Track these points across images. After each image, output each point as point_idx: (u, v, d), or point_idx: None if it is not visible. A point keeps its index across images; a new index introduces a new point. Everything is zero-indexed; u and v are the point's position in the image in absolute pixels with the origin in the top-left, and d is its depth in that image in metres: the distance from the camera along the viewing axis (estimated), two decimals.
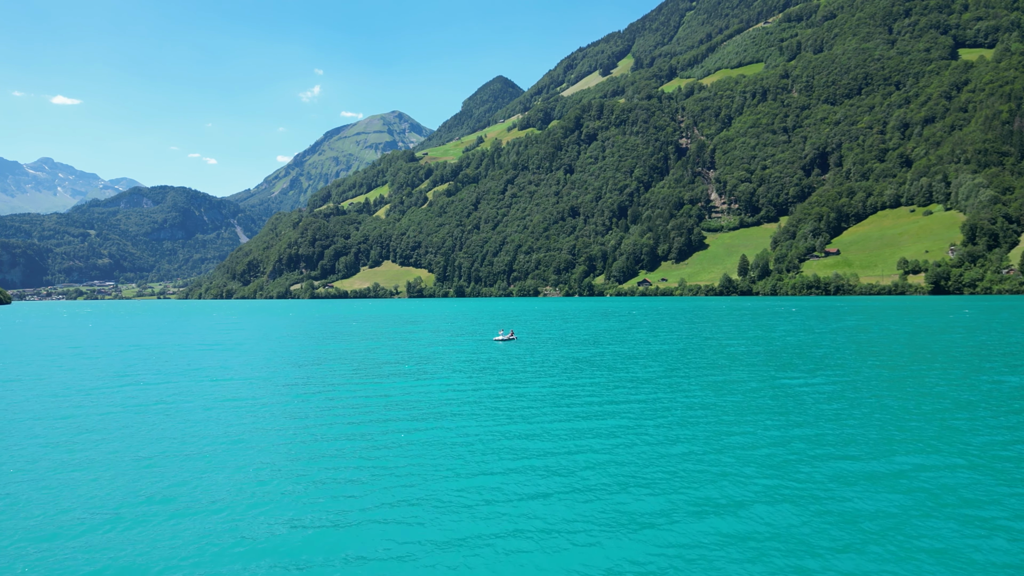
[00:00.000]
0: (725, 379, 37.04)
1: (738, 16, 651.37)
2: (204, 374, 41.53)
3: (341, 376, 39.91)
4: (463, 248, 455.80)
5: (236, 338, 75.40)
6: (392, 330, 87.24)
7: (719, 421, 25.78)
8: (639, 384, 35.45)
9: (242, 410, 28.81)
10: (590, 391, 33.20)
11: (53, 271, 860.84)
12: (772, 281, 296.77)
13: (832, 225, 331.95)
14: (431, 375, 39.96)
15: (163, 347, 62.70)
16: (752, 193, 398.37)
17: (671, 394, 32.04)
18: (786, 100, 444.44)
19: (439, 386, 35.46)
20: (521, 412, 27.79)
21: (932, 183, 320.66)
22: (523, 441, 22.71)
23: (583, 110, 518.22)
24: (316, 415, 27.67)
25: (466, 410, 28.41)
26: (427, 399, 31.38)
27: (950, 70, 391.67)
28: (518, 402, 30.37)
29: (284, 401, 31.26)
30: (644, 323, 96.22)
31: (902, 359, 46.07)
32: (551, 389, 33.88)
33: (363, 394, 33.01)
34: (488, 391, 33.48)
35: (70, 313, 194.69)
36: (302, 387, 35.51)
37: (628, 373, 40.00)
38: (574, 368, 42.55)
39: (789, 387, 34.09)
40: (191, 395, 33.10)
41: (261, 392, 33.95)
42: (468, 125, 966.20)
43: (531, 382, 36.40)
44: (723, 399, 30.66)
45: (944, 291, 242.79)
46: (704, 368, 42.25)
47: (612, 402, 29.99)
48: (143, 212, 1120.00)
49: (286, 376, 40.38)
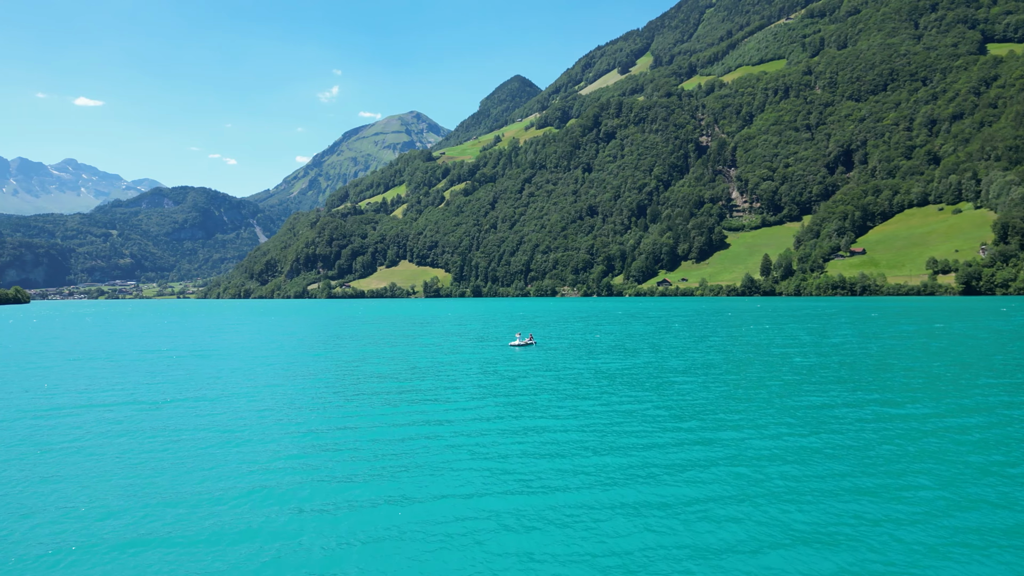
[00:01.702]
0: (807, 404, 29.00)
1: (759, 12, 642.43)
2: (159, 390, 34.40)
3: (320, 395, 32.74)
4: (480, 248, 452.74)
5: (224, 343, 67.58)
6: (400, 333, 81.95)
7: (831, 477, 18.23)
8: (695, 413, 27.21)
9: (171, 450, 21.82)
10: (633, 422, 25.57)
11: (76, 271, 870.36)
12: (796, 281, 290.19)
13: (857, 224, 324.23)
14: (429, 395, 32.39)
15: (125, 355, 54.43)
16: (774, 191, 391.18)
17: (743, 432, 23.67)
18: (809, 97, 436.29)
19: (435, 413, 27.83)
20: (541, 464, 19.90)
21: (961, 181, 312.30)
22: (547, 510, 16.08)
23: (601, 108, 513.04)
24: (270, 452, 21.49)
25: (460, 459, 20.54)
26: (414, 433, 24.12)
27: (979, 65, 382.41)
28: (537, 438, 23.13)
29: (237, 432, 24.27)
30: (675, 326, 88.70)
31: (1009, 375, 38.19)
32: (582, 421, 26.07)
33: (335, 422, 26.06)
34: (497, 421, 26.13)
35: (76, 313, 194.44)
36: (266, 413, 27.91)
37: (677, 395, 31.59)
38: (607, 386, 34.62)
39: (913, 421, 25.40)
40: (116, 424, 25.83)
41: (205, 427, 25.40)
42: (486, 125, 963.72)
43: (554, 408, 28.80)
44: (821, 438, 22.75)
45: (975, 292, 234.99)
46: (774, 387, 33.73)
47: (663, 444, 21.99)
48: (164, 212, 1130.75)
49: (254, 394, 33.16)
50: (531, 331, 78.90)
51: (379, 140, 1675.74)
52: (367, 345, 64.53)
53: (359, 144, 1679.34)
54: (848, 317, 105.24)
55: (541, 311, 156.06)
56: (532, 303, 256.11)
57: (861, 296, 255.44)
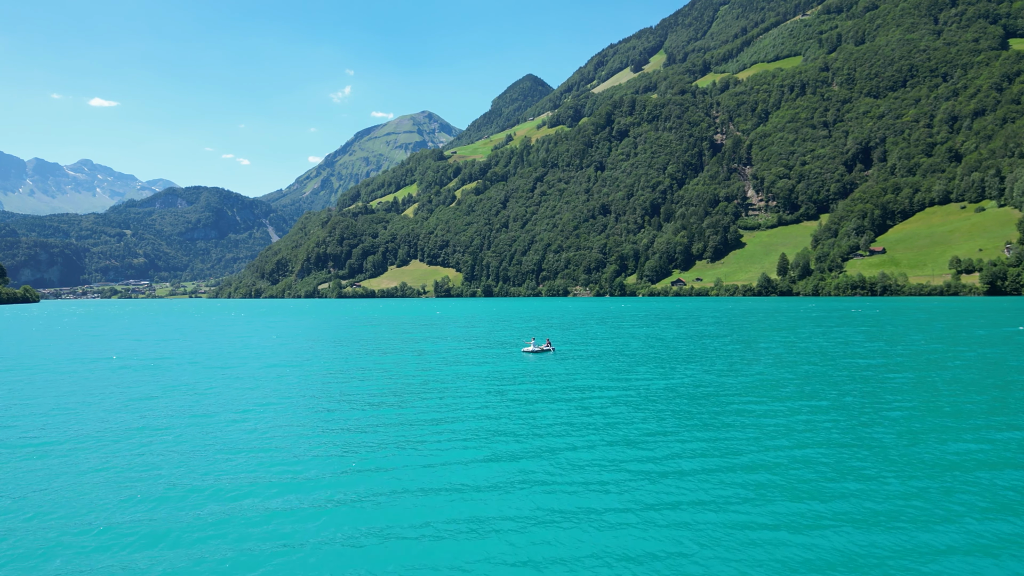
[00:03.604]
0: (966, 449, 20.38)
1: (774, 9, 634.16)
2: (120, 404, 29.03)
3: (296, 417, 26.16)
4: (491, 247, 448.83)
5: (192, 349, 59.44)
6: (399, 337, 74.29)
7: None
8: (789, 464, 18.77)
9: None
10: (699, 476, 17.66)
11: (90, 270, 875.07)
12: (814, 281, 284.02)
13: (877, 223, 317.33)
14: (412, 434, 23.29)
15: (49, 363, 46.70)
16: (791, 190, 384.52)
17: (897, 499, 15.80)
18: (826, 94, 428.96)
19: (429, 448, 21.00)
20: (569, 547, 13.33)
21: (984, 178, 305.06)
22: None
23: (614, 106, 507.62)
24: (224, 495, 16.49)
25: (453, 525, 14.55)
26: (391, 481, 17.59)
27: (1000, 61, 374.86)
28: (566, 501, 15.96)
29: (126, 486, 17.50)
30: (709, 329, 78.82)
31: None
32: (624, 474, 17.94)
33: (261, 486, 17.41)
34: (501, 492, 16.83)
35: (72, 312, 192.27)
36: (174, 461, 19.81)
37: (754, 433, 22.47)
38: (652, 416, 25.70)
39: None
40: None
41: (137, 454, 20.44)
42: (497, 124, 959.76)
43: (585, 451, 20.45)
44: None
45: (1000, 292, 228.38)
46: (897, 420, 24.62)
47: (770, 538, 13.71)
48: (177, 212, 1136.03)
49: (215, 415, 26.63)
50: (547, 335, 72.68)
51: (391, 140, 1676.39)
52: (355, 353, 55.38)
53: (371, 144, 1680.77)
54: (896, 319, 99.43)
55: (555, 312, 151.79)
56: (544, 303, 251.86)
57: (882, 296, 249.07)
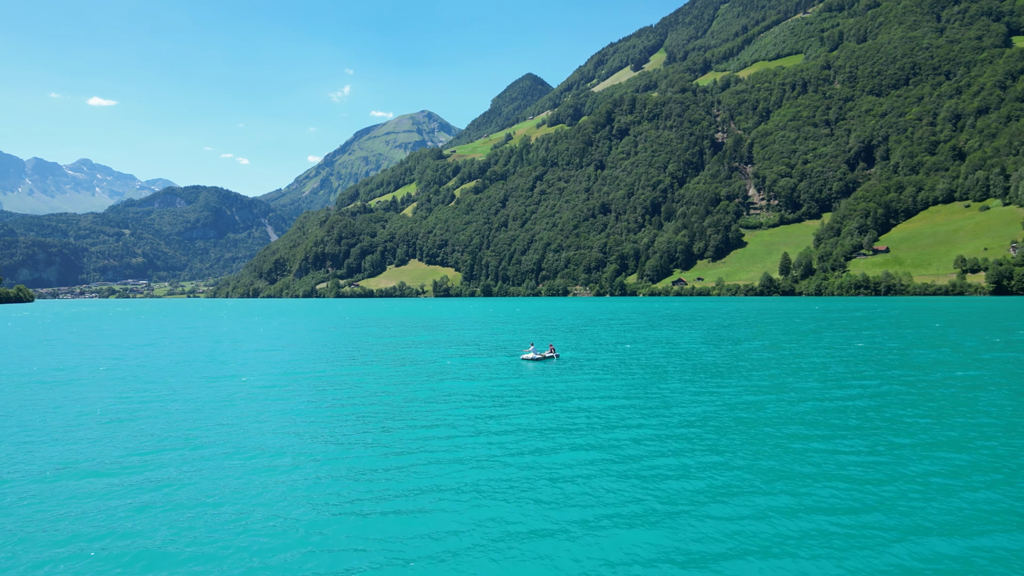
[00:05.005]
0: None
1: (775, 7, 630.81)
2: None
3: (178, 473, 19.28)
4: (490, 246, 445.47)
5: (162, 356, 53.71)
6: (384, 342, 66.84)
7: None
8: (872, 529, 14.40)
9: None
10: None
11: (88, 270, 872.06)
12: (816, 280, 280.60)
13: (880, 221, 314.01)
14: (379, 472, 18.84)
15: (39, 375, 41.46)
16: (793, 188, 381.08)
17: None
18: (828, 92, 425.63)
19: (379, 524, 15.21)
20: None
21: (989, 176, 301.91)
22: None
23: (615, 104, 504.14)
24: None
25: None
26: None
27: (1004, 58, 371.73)
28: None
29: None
30: (723, 332, 71.59)
31: None
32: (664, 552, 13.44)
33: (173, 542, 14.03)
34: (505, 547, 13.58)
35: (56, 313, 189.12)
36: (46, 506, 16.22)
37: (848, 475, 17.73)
38: (696, 454, 20.36)
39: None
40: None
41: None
42: (497, 123, 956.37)
43: (605, 520, 15.14)
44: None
45: (1006, 292, 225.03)
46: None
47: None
48: (176, 212, 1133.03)
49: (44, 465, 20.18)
50: (549, 339, 66.18)
51: (390, 139, 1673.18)
52: (327, 363, 47.81)
53: (370, 143, 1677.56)
54: (929, 320, 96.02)
55: (556, 312, 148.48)
56: (544, 303, 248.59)
57: (886, 296, 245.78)
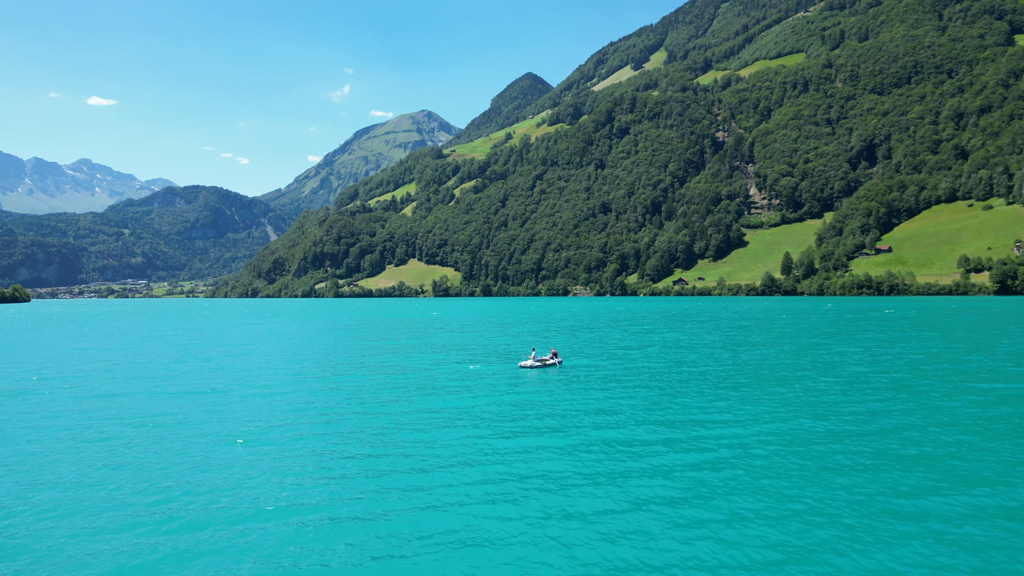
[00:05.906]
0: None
1: (776, 6, 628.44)
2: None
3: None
4: (490, 246, 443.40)
5: (132, 360, 50.98)
6: (379, 346, 63.37)
7: None
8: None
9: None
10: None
11: (87, 269, 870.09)
12: (819, 280, 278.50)
13: (882, 221, 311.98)
14: (336, 516, 15.90)
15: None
16: (794, 188, 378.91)
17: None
18: (829, 91, 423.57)
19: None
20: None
21: (992, 175, 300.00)
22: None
23: (615, 103, 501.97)
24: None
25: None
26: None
27: (1007, 57, 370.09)
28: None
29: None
30: (740, 336, 68.35)
31: None
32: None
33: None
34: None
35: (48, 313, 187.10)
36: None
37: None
38: (743, 500, 16.63)
39: None
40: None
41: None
42: (497, 122, 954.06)
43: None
44: None
45: (1010, 291, 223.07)
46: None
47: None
48: (176, 211, 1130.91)
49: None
50: (551, 342, 63.15)
51: (390, 139, 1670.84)
52: (307, 370, 43.44)
53: (370, 143, 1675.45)
54: (947, 321, 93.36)
55: (557, 313, 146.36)
56: (545, 303, 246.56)
57: (889, 296, 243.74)
